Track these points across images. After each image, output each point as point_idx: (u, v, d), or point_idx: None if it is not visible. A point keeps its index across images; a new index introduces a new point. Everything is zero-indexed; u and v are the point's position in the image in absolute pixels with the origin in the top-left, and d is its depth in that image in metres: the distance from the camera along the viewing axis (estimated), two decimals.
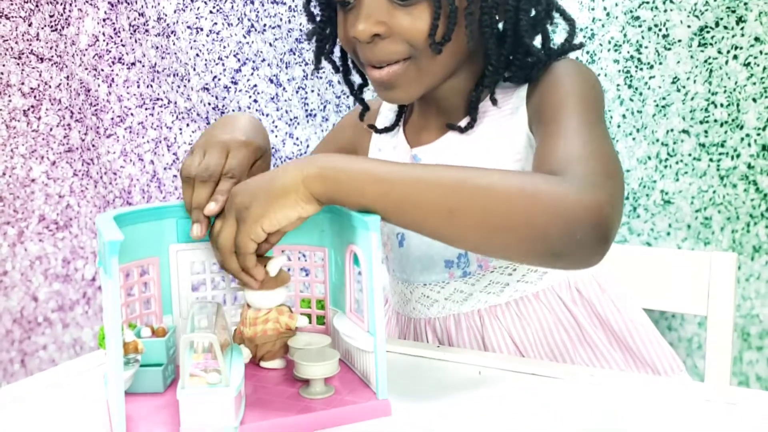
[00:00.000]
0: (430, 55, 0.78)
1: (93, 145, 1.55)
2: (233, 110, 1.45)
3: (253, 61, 1.43)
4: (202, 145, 0.74)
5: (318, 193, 0.65)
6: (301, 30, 1.40)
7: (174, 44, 1.45)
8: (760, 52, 1.11)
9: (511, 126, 0.84)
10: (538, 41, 0.86)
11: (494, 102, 0.84)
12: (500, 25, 0.84)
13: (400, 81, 0.80)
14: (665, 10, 1.15)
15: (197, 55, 1.44)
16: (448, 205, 0.62)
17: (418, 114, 0.92)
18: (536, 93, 0.82)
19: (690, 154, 1.17)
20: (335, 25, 0.85)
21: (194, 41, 1.44)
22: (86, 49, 1.51)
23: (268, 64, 1.42)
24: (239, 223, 0.67)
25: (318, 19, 0.87)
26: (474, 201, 0.62)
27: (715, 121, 1.15)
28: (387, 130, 0.94)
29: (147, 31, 1.47)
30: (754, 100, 1.12)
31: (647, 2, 1.16)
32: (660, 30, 1.16)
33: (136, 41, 1.50)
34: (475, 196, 0.62)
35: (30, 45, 1.45)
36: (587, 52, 1.20)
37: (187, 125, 1.51)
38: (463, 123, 0.86)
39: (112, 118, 1.54)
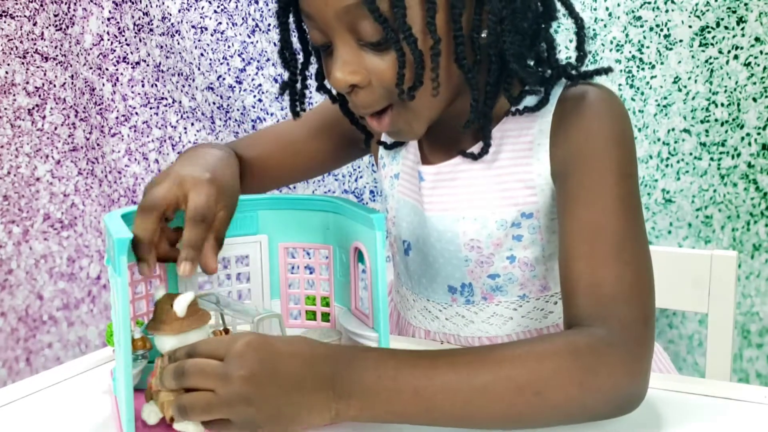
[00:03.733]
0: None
1: (98, 144, 1.56)
2: (237, 110, 1.46)
3: (258, 61, 1.43)
4: (162, 178, 0.67)
5: (344, 421, 0.60)
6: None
7: (178, 44, 1.46)
8: (761, 52, 1.11)
9: (529, 162, 0.77)
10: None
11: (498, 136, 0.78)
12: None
13: (399, 126, 0.75)
14: (666, 11, 1.16)
15: (202, 54, 1.45)
16: (506, 417, 0.60)
17: (429, 130, 0.84)
18: (564, 139, 0.75)
19: (691, 153, 1.18)
20: (316, 67, 0.81)
21: (199, 41, 1.44)
22: (91, 49, 1.52)
23: (273, 64, 1.43)
24: (237, 428, 0.59)
25: (297, 65, 0.81)
26: (532, 408, 0.60)
27: (716, 120, 1.16)
28: (397, 144, 0.89)
29: (151, 30, 1.48)
30: (755, 99, 1.13)
31: (649, 2, 1.16)
32: (661, 30, 1.17)
33: (140, 40, 1.51)
34: (533, 402, 0.60)
35: (35, 44, 1.45)
36: (589, 52, 1.21)
37: (192, 124, 1.52)
38: (475, 149, 0.79)
39: (117, 117, 1.54)
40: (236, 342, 0.59)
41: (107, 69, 1.53)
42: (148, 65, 1.52)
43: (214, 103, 1.47)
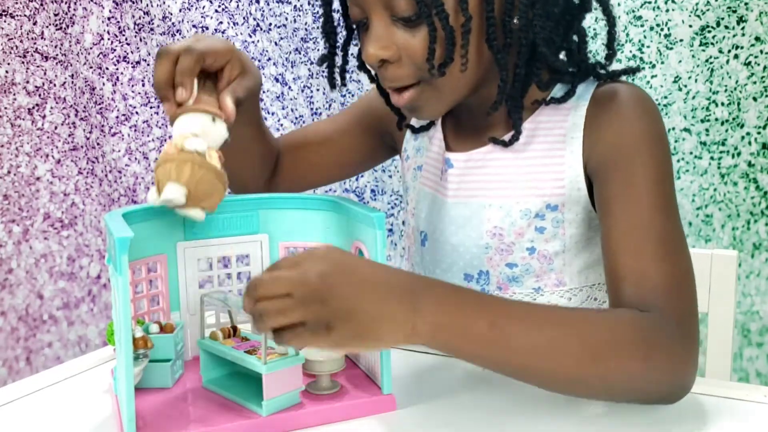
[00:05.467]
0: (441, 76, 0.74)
1: (98, 144, 1.56)
2: None
3: (259, 60, 1.43)
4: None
5: (421, 343, 0.60)
6: (306, 29, 1.40)
7: None
8: (761, 52, 1.11)
9: (562, 154, 0.78)
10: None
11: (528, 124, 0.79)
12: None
13: (420, 103, 0.77)
14: (667, 10, 1.16)
15: None
16: (570, 375, 0.62)
17: (456, 116, 0.87)
18: (599, 135, 0.76)
19: (691, 153, 1.18)
20: (350, 44, 0.84)
21: None
22: (91, 48, 1.52)
23: (274, 63, 1.43)
24: (309, 330, 0.57)
25: (336, 39, 0.83)
26: (597, 372, 0.62)
27: (716, 119, 1.16)
28: (424, 129, 0.90)
29: (152, 29, 1.48)
30: (755, 98, 1.13)
31: (649, 2, 1.16)
32: (662, 29, 1.17)
33: (141, 40, 1.51)
34: (599, 365, 0.61)
35: (35, 43, 1.45)
36: (590, 51, 1.21)
37: None
38: (506, 137, 0.80)
39: (117, 117, 1.54)
40: (316, 249, 0.61)
41: (107, 68, 1.53)
42: (148, 65, 1.52)
43: None
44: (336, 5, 0.81)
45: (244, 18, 1.43)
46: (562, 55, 0.80)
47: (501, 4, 0.73)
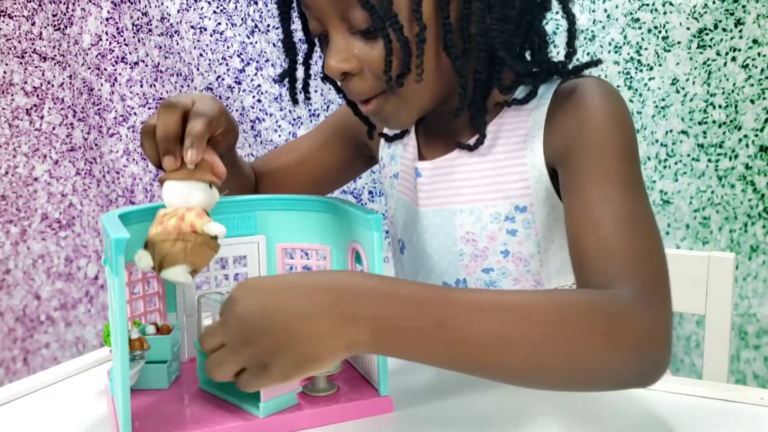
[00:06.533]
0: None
1: (96, 144, 1.56)
2: (236, 110, 1.46)
3: (257, 62, 1.43)
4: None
5: (365, 351, 0.57)
6: None
7: (177, 44, 1.46)
8: (758, 54, 1.12)
9: (523, 154, 0.77)
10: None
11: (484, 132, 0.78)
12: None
13: (387, 112, 0.76)
14: (665, 13, 1.16)
15: (201, 55, 1.45)
16: (531, 366, 0.56)
17: (427, 124, 0.87)
18: (560, 127, 0.75)
19: (689, 155, 1.18)
20: (311, 58, 0.84)
21: (198, 41, 1.44)
22: (89, 49, 1.52)
23: (272, 65, 1.43)
24: (250, 372, 0.57)
25: (296, 54, 0.83)
26: (556, 356, 0.56)
27: (714, 122, 1.16)
28: (397, 137, 0.90)
29: (150, 30, 1.48)
30: (752, 101, 1.13)
31: (647, 5, 1.17)
32: (660, 32, 1.17)
33: (139, 41, 1.51)
34: (559, 355, 0.56)
35: (33, 44, 1.45)
36: (587, 54, 1.21)
37: None
38: (471, 141, 0.80)
39: (115, 118, 1.54)
40: (237, 285, 0.58)
41: (106, 69, 1.53)
42: (146, 65, 1.52)
43: None
44: (295, 20, 0.80)
45: (242, 19, 1.43)
46: (527, 56, 0.79)
47: (457, 10, 0.72)
